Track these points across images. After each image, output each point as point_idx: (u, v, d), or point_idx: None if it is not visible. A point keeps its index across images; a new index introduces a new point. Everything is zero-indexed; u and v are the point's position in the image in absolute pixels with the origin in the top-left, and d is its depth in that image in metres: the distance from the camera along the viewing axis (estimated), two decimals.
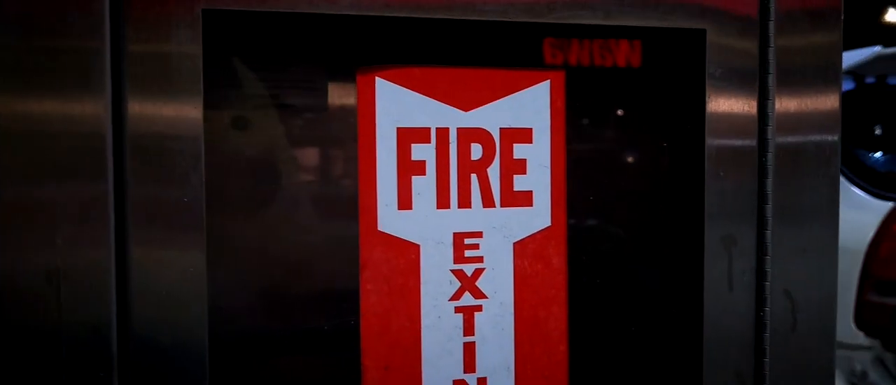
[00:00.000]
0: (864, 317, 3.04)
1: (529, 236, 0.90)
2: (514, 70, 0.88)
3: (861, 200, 3.17)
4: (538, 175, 0.90)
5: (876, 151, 3.36)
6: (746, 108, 0.93)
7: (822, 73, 0.95)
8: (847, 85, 3.55)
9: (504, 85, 0.88)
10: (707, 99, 0.91)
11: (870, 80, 3.53)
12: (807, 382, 0.97)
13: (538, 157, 0.90)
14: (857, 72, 3.48)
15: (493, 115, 0.88)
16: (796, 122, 0.95)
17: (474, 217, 0.88)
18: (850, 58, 3.35)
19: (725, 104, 0.92)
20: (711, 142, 0.92)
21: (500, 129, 0.88)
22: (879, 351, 3.02)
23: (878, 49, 3.28)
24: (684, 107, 0.93)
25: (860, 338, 3.04)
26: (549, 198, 0.90)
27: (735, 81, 0.92)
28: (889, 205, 3.08)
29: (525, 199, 0.89)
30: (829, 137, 0.96)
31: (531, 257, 0.90)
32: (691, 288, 0.93)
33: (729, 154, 0.93)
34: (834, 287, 0.97)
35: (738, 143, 0.93)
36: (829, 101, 0.96)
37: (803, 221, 0.95)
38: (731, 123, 0.93)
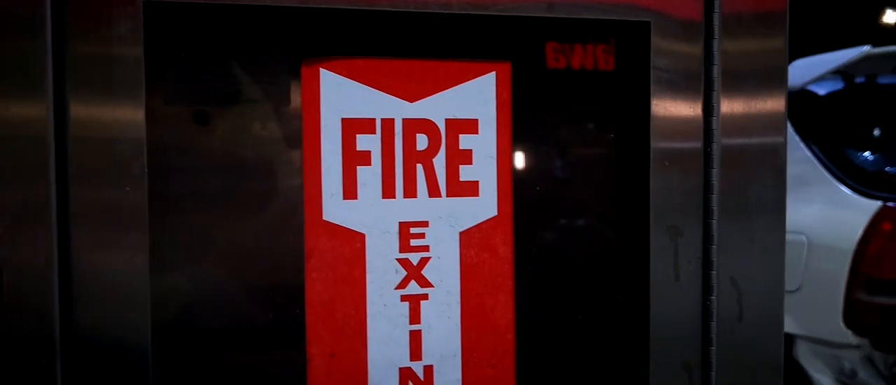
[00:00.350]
0: (854, 316, 3.03)
1: (476, 226, 0.91)
2: (459, 62, 0.90)
3: (850, 200, 3.17)
4: (484, 165, 0.91)
5: (864, 151, 3.36)
6: (691, 107, 0.94)
7: (767, 76, 0.96)
8: (836, 84, 3.55)
9: (449, 76, 0.90)
10: (652, 97, 0.92)
11: (859, 79, 3.53)
12: (754, 371, 0.98)
13: (484, 148, 0.91)
14: (846, 71, 3.48)
15: (438, 106, 0.89)
16: (741, 123, 0.96)
17: (420, 207, 0.89)
18: (840, 57, 3.36)
19: (671, 103, 0.93)
20: (657, 140, 0.93)
21: (446, 119, 0.90)
22: (868, 350, 3.01)
23: (867, 48, 3.28)
24: (631, 103, 0.94)
25: (849, 337, 3.03)
26: (496, 188, 0.91)
27: (680, 81, 0.93)
28: (878, 204, 3.08)
29: (471, 189, 0.91)
30: (775, 138, 0.97)
31: (478, 247, 0.91)
32: (638, 278, 0.94)
33: (674, 151, 0.94)
34: (781, 278, 0.98)
35: (683, 141, 0.94)
36: (774, 103, 0.97)
37: (750, 215, 0.96)
38: (676, 121, 0.94)
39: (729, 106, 0.95)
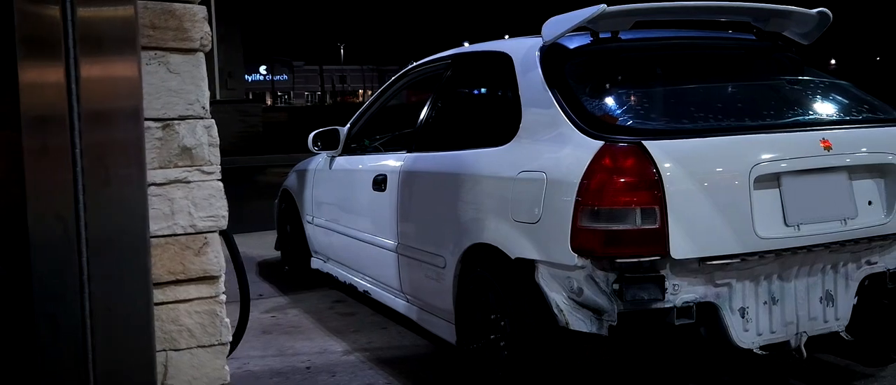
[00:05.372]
0: (578, 241, 3.44)
1: None
2: None
3: (580, 140, 3.57)
4: None
5: (596, 97, 3.77)
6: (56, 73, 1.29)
7: (120, 43, 1.31)
8: (584, 39, 3.96)
9: None
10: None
11: (604, 34, 3.94)
12: (122, 223, 1.37)
13: None
14: (591, 27, 3.88)
15: None
16: (100, 86, 1.30)
17: None
18: (581, 14, 3.75)
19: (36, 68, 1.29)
20: (27, 111, 1.28)
21: None
22: (591, 270, 3.42)
23: (602, 7, 3.69)
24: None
25: (575, 259, 3.43)
26: None
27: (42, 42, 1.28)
28: (600, 143, 3.48)
29: None
30: (130, 102, 1.33)
31: None
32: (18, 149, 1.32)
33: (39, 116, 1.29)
34: (142, 171, 1.36)
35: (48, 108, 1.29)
36: (128, 69, 1.33)
37: (111, 169, 1.33)
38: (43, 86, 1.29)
39: (87, 71, 1.29)
